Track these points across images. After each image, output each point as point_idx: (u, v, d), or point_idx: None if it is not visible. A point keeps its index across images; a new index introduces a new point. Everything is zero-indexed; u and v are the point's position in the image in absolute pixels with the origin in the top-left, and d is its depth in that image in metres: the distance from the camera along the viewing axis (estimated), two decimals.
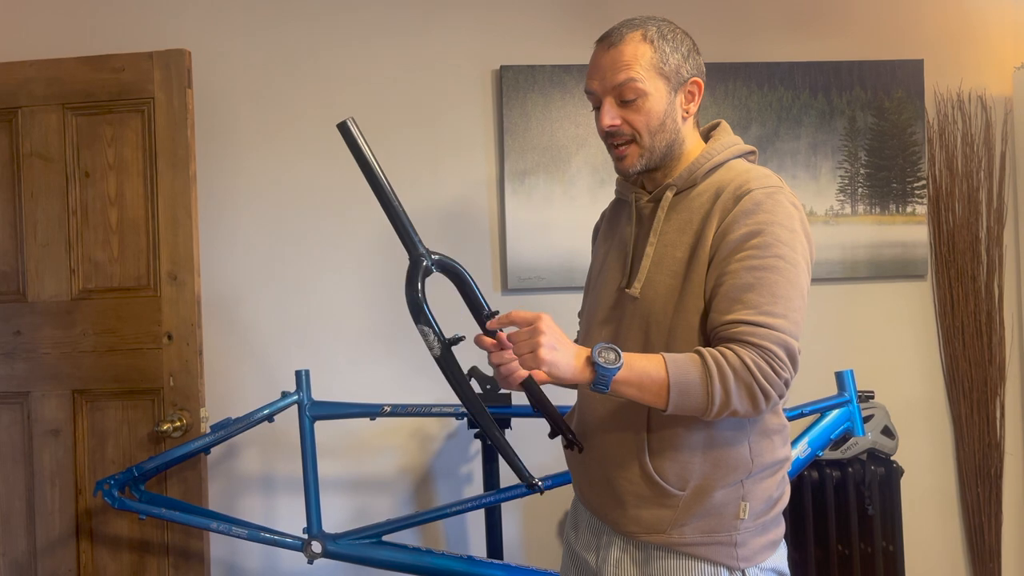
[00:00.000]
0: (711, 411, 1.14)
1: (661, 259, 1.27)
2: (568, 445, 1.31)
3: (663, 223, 1.29)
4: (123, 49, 2.23)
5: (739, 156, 1.33)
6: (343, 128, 1.19)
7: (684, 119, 1.31)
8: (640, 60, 1.25)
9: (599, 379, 1.12)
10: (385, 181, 1.21)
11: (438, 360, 1.20)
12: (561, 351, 1.12)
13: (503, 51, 2.43)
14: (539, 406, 1.26)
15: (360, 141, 1.19)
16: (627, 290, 1.29)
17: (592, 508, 1.36)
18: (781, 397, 1.16)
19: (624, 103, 1.27)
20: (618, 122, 1.27)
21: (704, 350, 1.15)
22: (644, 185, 1.39)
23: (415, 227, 1.24)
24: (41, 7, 2.36)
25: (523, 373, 1.14)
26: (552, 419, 1.27)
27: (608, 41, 1.28)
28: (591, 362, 1.12)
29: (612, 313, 1.34)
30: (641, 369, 1.13)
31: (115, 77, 2.14)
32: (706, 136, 1.38)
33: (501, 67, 2.40)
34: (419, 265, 1.22)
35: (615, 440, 1.29)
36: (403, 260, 2.39)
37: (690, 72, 1.29)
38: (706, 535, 1.25)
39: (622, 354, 1.12)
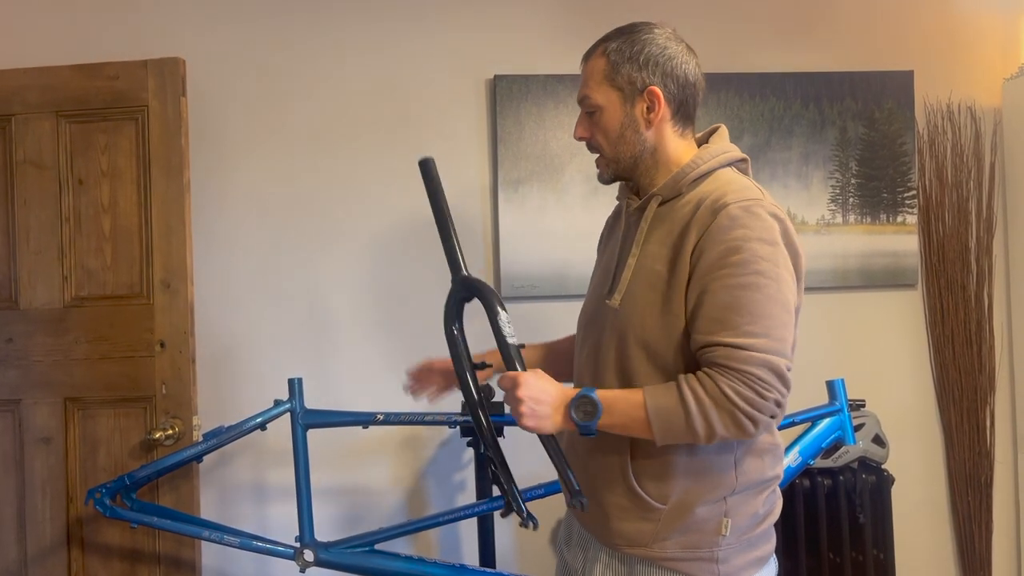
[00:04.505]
0: (699, 441, 1.14)
1: (641, 270, 1.26)
2: (572, 500, 1.22)
3: (646, 233, 1.28)
4: (117, 57, 2.23)
5: (729, 164, 1.31)
6: (424, 165, 1.36)
7: (649, 127, 1.29)
8: (594, 75, 1.31)
9: (582, 430, 1.17)
10: (448, 214, 1.36)
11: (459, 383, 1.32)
12: (541, 413, 1.16)
13: (497, 60, 2.44)
14: (553, 459, 1.22)
15: (438, 181, 1.36)
16: (607, 301, 1.28)
17: (581, 520, 1.38)
18: (773, 417, 1.13)
19: (589, 117, 1.32)
20: (587, 135, 1.33)
21: (683, 381, 1.14)
22: (637, 192, 1.37)
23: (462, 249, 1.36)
24: (35, 15, 2.36)
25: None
26: (561, 475, 1.23)
27: (584, 57, 1.34)
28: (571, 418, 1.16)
29: (594, 324, 1.34)
30: (622, 412, 1.17)
31: (109, 85, 2.14)
32: (704, 142, 1.36)
33: (495, 76, 2.41)
34: (457, 288, 1.36)
35: (601, 453, 1.29)
36: (399, 268, 2.39)
37: (647, 81, 1.27)
38: (687, 550, 1.24)
39: (600, 404, 1.15)
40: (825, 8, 2.55)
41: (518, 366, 1.21)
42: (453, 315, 1.35)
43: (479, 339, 1.50)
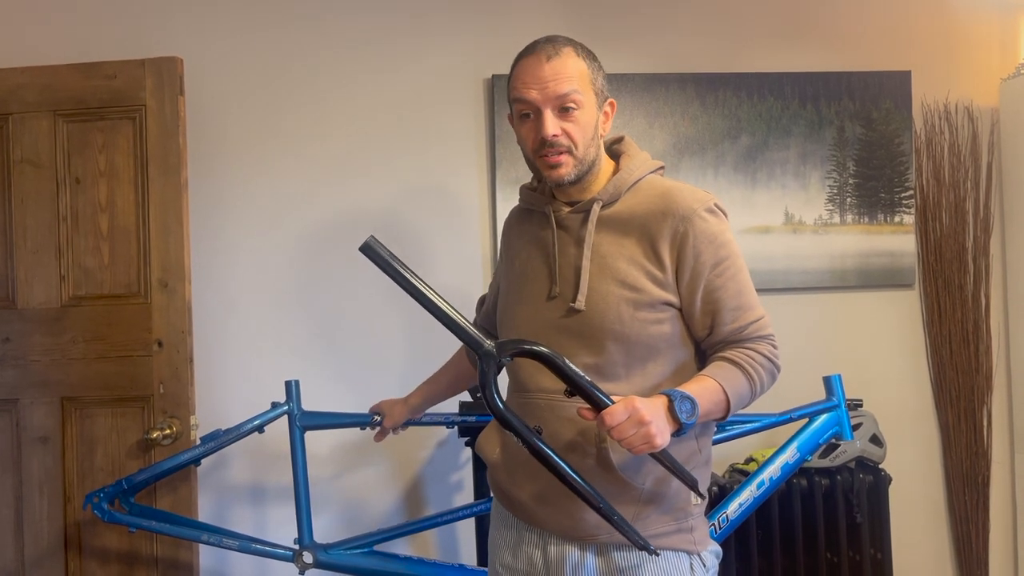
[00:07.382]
0: (746, 405, 1.32)
1: (602, 270, 1.31)
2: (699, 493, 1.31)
3: (594, 235, 1.33)
4: (115, 56, 2.23)
5: (654, 172, 1.39)
6: (367, 250, 1.20)
7: (601, 136, 1.37)
8: (579, 73, 1.32)
9: (685, 430, 1.19)
10: (426, 288, 1.21)
11: (532, 452, 1.20)
12: (664, 428, 1.17)
13: (495, 60, 2.44)
14: (670, 468, 1.24)
15: (390, 259, 1.22)
16: (572, 304, 1.31)
17: (537, 521, 1.36)
18: None
19: (562, 114, 1.31)
20: (560, 132, 1.31)
21: (736, 358, 1.29)
22: (555, 198, 1.41)
23: (468, 319, 1.22)
24: (33, 14, 2.35)
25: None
26: (681, 478, 1.26)
27: (545, 53, 1.33)
28: (677, 419, 1.18)
29: (548, 327, 1.34)
30: (708, 400, 1.24)
31: (107, 84, 2.13)
32: (609, 147, 1.43)
33: (493, 76, 2.41)
34: (490, 363, 1.19)
35: (572, 448, 1.29)
36: None
37: (608, 93, 1.38)
38: (666, 524, 1.31)
39: (695, 401, 1.20)
40: (823, 8, 2.56)
41: (607, 398, 1.18)
42: (495, 390, 1.19)
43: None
